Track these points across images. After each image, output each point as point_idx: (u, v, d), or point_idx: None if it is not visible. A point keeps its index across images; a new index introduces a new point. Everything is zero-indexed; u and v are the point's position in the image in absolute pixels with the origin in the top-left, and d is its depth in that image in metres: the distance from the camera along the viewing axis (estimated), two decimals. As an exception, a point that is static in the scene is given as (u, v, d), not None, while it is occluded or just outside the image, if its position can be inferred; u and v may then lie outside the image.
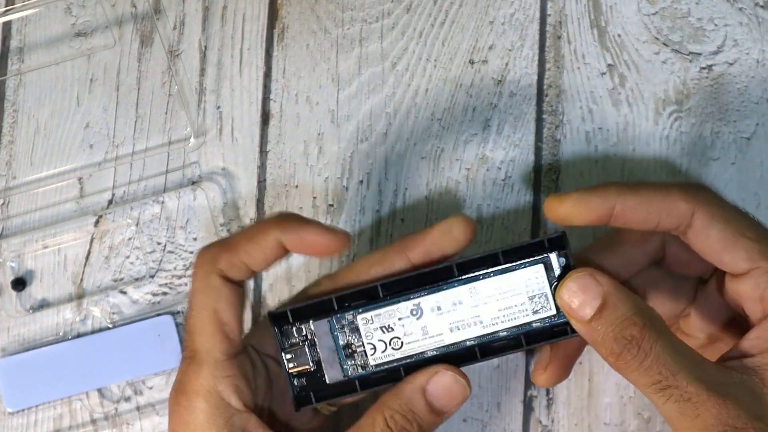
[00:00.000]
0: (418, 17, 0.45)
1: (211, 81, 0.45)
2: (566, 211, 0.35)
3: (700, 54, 0.44)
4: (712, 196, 0.35)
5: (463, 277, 0.36)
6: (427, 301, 0.36)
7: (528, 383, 0.42)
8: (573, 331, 0.34)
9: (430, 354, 0.36)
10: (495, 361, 0.43)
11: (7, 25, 0.45)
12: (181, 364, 0.35)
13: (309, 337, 0.36)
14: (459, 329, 0.36)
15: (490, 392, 0.43)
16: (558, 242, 0.35)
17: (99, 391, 0.43)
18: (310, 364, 0.36)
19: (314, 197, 0.44)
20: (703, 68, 0.44)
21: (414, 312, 0.36)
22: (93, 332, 0.43)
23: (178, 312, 0.44)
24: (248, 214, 0.44)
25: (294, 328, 0.36)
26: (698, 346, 0.37)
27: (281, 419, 0.37)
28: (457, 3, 0.45)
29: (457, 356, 0.36)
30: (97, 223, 0.44)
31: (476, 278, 0.36)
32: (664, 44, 0.44)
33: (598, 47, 0.44)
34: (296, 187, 0.44)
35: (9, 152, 0.45)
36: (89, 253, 0.44)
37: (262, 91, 0.45)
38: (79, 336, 0.43)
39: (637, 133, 0.44)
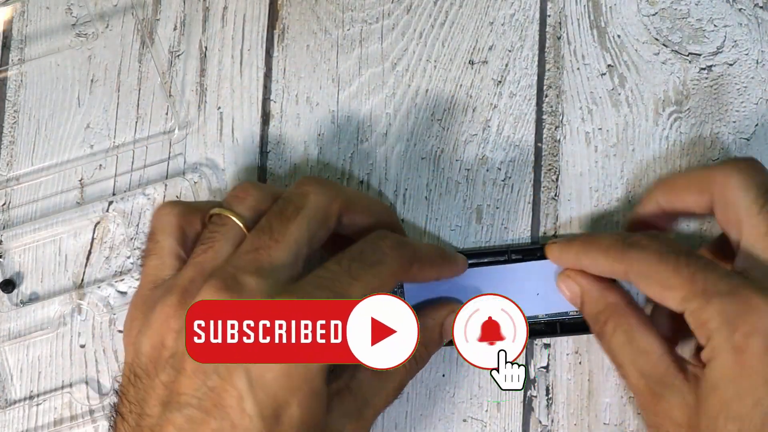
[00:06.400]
0: (418, 18, 0.45)
1: (212, 81, 0.45)
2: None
3: (699, 55, 0.44)
4: (637, 255, 0.37)
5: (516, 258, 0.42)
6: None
7: (528, 383, 0.43)
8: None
9: None
10: (495, 361, 0.43)
11: (8, 24, 0.45)
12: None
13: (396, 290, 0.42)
14: None
15: (490, 392, 0.43)
16: None
17: (88, 384, 0.43)
18: None
19: (314, 197, 0.44)
20: (703, 69, 0.44)
21: None
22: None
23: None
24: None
25: None
26: None
27: None
28: (457, 4, 0.45)
29: None
30: (97, 223, 0.44)
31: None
32: (664, 45, 0.44)
33: (597, 48, 0.44)
34: (296, 187, 0.44)
35: (10, 152, 0.45)
36: (90, 253, 0.44)
37: (263, 91, 0.45)
38: None
39: (636, 133, 0.44)
